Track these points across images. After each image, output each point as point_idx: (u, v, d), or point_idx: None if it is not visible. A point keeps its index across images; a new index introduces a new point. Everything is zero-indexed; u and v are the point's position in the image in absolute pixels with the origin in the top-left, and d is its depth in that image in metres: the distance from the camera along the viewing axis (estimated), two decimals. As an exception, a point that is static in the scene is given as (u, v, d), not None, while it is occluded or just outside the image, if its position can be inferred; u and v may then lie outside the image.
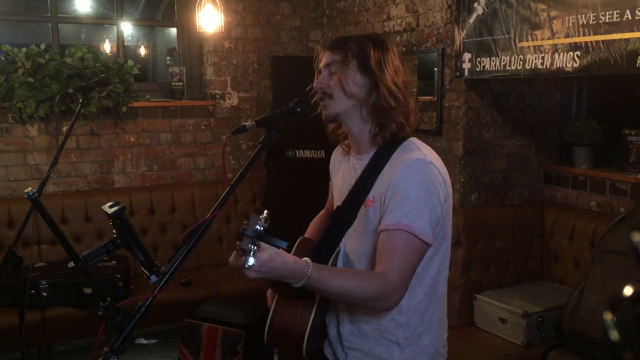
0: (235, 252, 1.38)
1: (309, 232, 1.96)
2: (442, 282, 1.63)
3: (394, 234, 1.47)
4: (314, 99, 1.64)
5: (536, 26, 2.80)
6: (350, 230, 1.63)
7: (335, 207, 1.69)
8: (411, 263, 1.48)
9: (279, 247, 1.35)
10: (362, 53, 1.57)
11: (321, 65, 1.63)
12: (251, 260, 1.28)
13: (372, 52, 1.56)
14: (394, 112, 1.56)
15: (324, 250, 1.63)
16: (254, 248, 1.28)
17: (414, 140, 1.60)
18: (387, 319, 1.58)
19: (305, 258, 1.44)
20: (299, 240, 1.81)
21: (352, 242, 1.64)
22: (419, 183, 1.48)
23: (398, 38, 3.94)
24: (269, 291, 1.76)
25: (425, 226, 1.47)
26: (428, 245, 1.50)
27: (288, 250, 1.43)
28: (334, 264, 1.65)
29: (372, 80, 1.56)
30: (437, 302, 1.62)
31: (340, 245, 1.67)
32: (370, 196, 1.57)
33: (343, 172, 1.75)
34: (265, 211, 1.34)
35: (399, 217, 1.47)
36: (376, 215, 1.55)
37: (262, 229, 1.28)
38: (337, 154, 1.85)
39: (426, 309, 1.59)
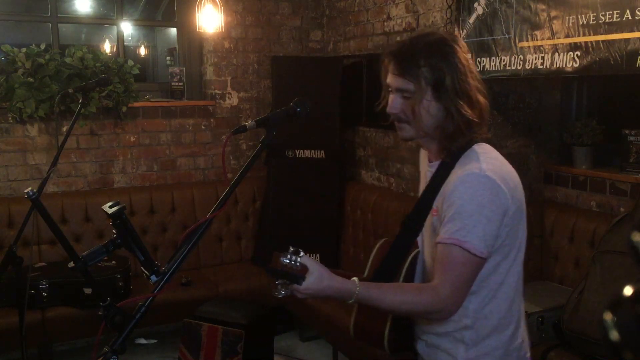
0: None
1: None
2: (511, 286, 1.62)
3: (447, 248, 1.49)
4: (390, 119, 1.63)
5: (536, 26, 2.80)
6: (426, 236, 1.67)
7: (406, 215, 1.72)
8: (464, 277, 1.50)
9: (295, 282, 1.45)
10: (436, 78, 1.52)
11: (392, 86, 1.59)
12: (281, 294, 1.45)
13: (446, 76, 1.52)
14: (465, 133, 1.55)
15: (394, 256, 1.68)
16: (279, 282, 1.44)
17: (478, 147, 1.58)
18: (455, 322, 1.60)
19: (353, 278, 1.51)
20: (380, 242, 1.84)
21: (428, 247, 1.67)
22: (471, 198, 1.48)
23: (398, 38, 3.94)
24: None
25: (479, 241, 1.47)
26: (483, 259, 1.50)
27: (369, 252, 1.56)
28: (412, 266, 1.68)
29: (447, 108, 1.54)
30: (504, 306, 1.61)
31: (420, 248, 1.71)
32: (434, 205, 1.59)
33: (422, 175, 1.78)
34: (291, 247, 1.46)
35: (452, 231, 1.48)
36: (439, 225, 1.56)
37: (290, 261, 1.43)
38: (423, 156, 1.82)
39: (492, 311, 1.60)
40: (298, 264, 1.43)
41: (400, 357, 1.78)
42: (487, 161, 1.55)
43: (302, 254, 1.45)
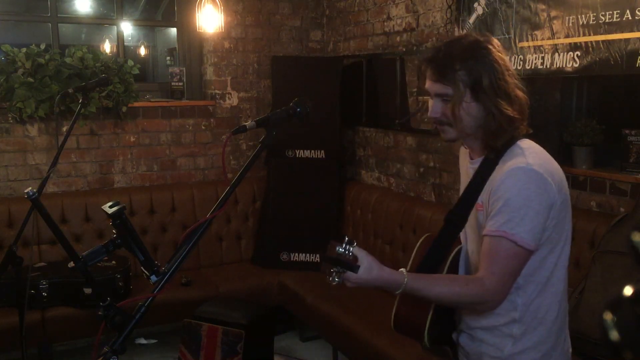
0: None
1: None
2: (559, 280, 1.64)
3: (494, 240, 1.52)
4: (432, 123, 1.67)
5: (536, 26, 2.80)
6: (470, 231, 1.69)
7: (449, 210, 1.74)
8: (511, 269, 1.53)
9: (350, 270, 1.47)
10: (473, 80, 1.56)
11: (431, 92, 1.63)
12: (335, 281, 1.47)
13: (483, 77, 1.55)
14: (508, 130, 1.59)
15: (437, 250, 1.71)
16: (334, 269, 1.46)
17: (521, 143, 1.62)
18: (503, 315, 1.62)
19: (401, 269, 1.54)
20: (424, 237, 1.86)
21: (472, 243, 1.70)
22: (519, 191, 1.51)
23: (398, 38, 3.95)
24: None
25: (527, 233, 1.50)
26: (530, 252, 1.53)
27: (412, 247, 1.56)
28: (455, 260, 1.72)
29: (487, 108, 1.57)
30: (552, 300, 1.63)
31: (463, 243, 1.74)
32: (479, 201, 1.61)
33: (463, 172, 1.80)
34: (347, 237, 1.48)
35: (500, 224, 1.51)
36: (485, 219, 1.58)
37: (345, 251, 1.45)
38: (462, 154, 1.85)
39: (540, 305, 1.62)
40: (350, 253, 1.46)
41: (438, 349, 1.80)
42: (533, 156, 1.58)
43: (355, 244, 1.48)
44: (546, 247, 1.57)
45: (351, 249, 1.47)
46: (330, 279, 1.48)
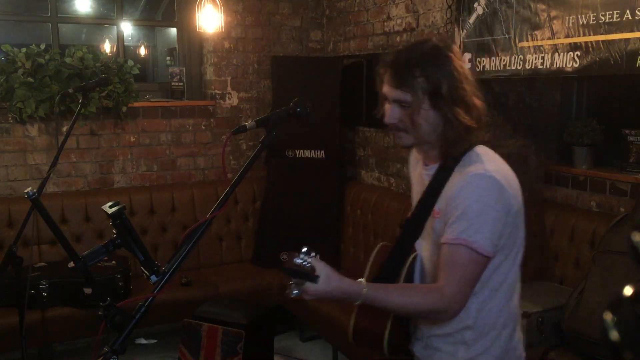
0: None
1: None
2: (510, 285, 1.64)
3: (453, 248, 1.51)
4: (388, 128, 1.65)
5: (536, 26, 2.80)
6: (425, 239, 1.67)
7: (405, 218, 1.73)
8: (470, 276, 1.52)
9: (310, 281, 1.45)
10: (432, 88, 1.53)
11: (389, 97, 1.60)
12: (295, 293, 1.45)
13: (442, 84, 1.53)
14: (465, 138, 1.57)
15: (394, 259, 1.70)
16: (293, 281, 1.44)
17: (478, 150, 1.60)
18: (456, 322, 1.61)
19: (360, 279, 1.52)
20: (379, 246, 1.85)
21: (427, 251, 1.68)
22: (478, 198, 1.50)
23: (398, 38, 3.95)
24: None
25: (485, 240, 1.49)
26: (488, 259, 1.52)
27: (368, 255, 1.56)
28: (411, 269, 1.70)
29: (445, 115, 1.55)
30: (503, 305, 1.64)
31: (418, 251, 1.72)
32: (436, 208, 1.60)
33: (416, 179, 1.78)
34: (305, 248, 1.46)
35: (459, 231, 1.50)
36: (442, 226, 1.57)
37: (303, 261, 1.43)
38: (413, 157, 1.83)
39: (491, 311, 1.62)
40: (309, 264, 1.45)
41: (398, 358, 1.78)
42: (490, 162, 1.58)
43: (313, 254, 1.46)
44: (501, 254, 1.57)
45: (309, 259, 1.45)
46: (289, 291, 1.45)
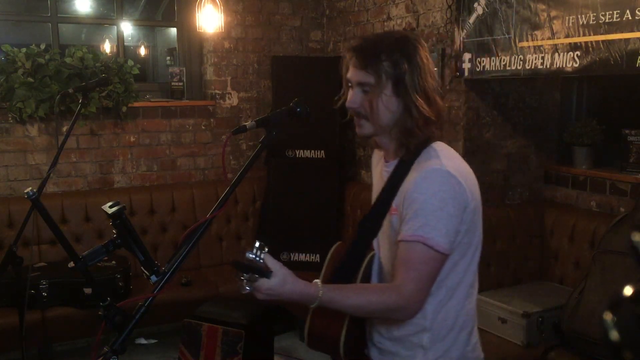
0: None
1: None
2: (467, 285, 1.62)
3: (410, 245, 1.48)
4: (348, 114, 1.64)
5: (536, 26, 2.80)
6: (383, 237, 1.65)
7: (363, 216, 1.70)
8: (427, 274, 1.49)
9: (263, 278, 1.39)
10: (396, 73, 1.53)
11: (352, 80, 1.59)
12: (246, 289, 1.38)
13: (406, 72, 1.52)
14: (423, 131, 1.56)
15: (351, 259, 1.66)
16: (244, 276, 1.37)
17: (436, 146, 1.58)
18: (413, 324, 1.59)
19: (316, 280, 1.47)
20: (335, 246, 1.82)
21: (385, 249, 1.65)
22: (434, 194, 1.48)
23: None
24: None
25: (442, 237, 1.47)
26: (445, 256, 1.50)
27: (324, 255, 1.52)
28: (369, 268, 1.67)
29: (406, 104, 1.54)
30: (460, 305, 1.61)
31: (375, 250, 1.69)
32: (393, 204, 1.58)
33: (377, 177, 1.76)
34: (257, 242, 1.40)
35: (415, 228, 1.47)
36: (399, 223, 1.55)
37: (255, 257, 1.37)
38: (376, 155, 1.82)
39: (449, 312, 1.60)
40: (261, 260, 1.38)
41: None
42: (447, 158, 1.55)
43: (266, 249, 1.40)
44: (458, 252, 1.54)
45: (262, 254, 1.39)
46: (241, 288, 1.39)
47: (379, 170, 1.72)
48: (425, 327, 1.58)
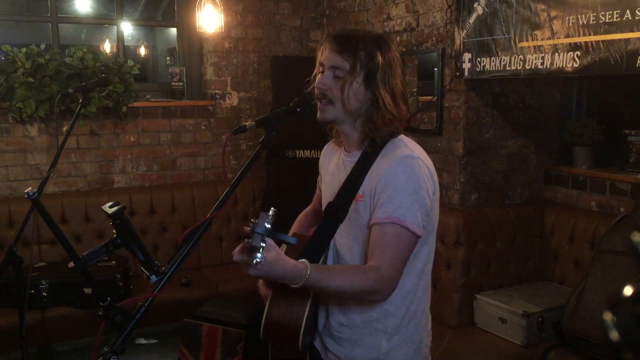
0: (240, 247, 1.39)
1: (295, 228, 1.99)
2: (428, 273, 1.69)
3: (385, 227, 1.52)
4: (314, 97, 1.66)
5: (536, 26, 2.80)
6: (345, 223, 1.67)
7: (326, 204, 1.71)
8: (403, 255, 1.54)
9: (290, 244, 1.41)
10: (370, 65, 1.58)
11: (326, 63, 1.63)
12: (259, 257, 1.27)
13: (380, 65, 1.57)
14: (388, 126, 1.60)
15: (317, 246, 1.67)
16: (262, 245, 1.28)
17: (402, 137, 1.65)
18: (377, 309, 1.63)
19: (303, 260, 1.47)
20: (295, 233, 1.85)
21: (342, 236, 1.67)
22: (408, 178, 1.54)
23: (398, 38, 3.94)
24: (261, 281, 1.76)
25: (416, 218, 1.52)
26: (418, 237, 1.55)
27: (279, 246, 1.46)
28: (324, 258, 1.68)
29: (374, 96, 1.59)
30: (422, 292, 1.68)
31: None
32: (360, 191, 1.61)
33: (333, 168, 1.79)
34: (272, 209, 1.32)
35: (390, 210, 1.52)
36: (366, 209, 1.59)
37: (270, 226, 1.29)
38: (328, 149, 1.90)
39: (413, 298, 1.65)
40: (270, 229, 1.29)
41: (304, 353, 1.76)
42: (415, 147, 1.63)
43: (272, 212, 1.31)
44: (421, 239, 1.58)
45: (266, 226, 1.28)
46: (250, 259, 1.28)
47: (337, 160, 1.77)
48: (390, 312, 1.63)
